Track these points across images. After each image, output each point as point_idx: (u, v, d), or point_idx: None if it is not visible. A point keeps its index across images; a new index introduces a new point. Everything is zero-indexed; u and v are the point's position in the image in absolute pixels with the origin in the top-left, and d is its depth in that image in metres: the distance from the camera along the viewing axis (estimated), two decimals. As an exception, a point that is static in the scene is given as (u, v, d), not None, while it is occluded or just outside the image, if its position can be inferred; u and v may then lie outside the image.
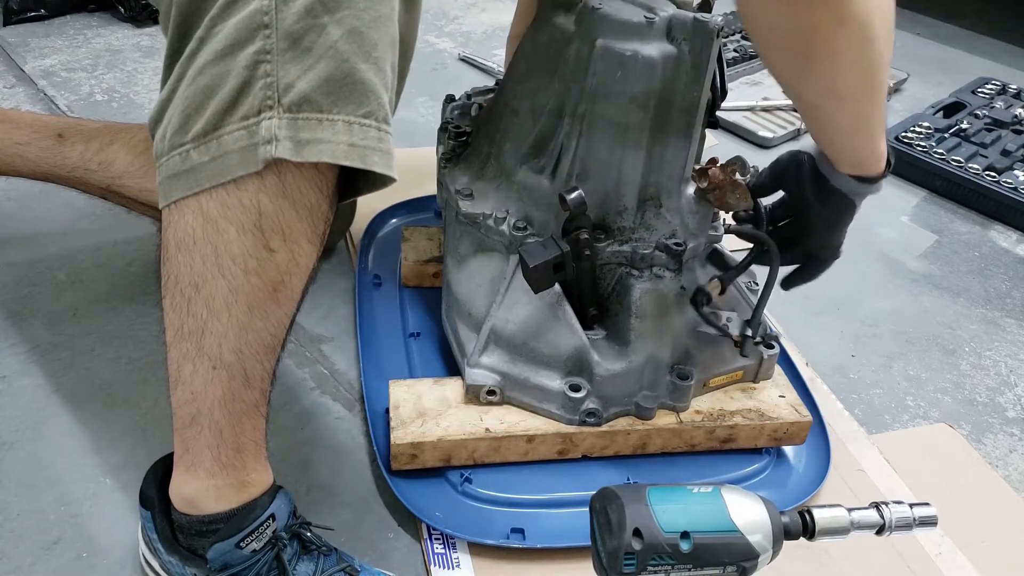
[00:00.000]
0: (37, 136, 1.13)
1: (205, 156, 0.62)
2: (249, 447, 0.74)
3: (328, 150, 0.61)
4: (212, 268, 0.65)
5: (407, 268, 1.18)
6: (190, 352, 0.69)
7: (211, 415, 0.71)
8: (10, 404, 1.02)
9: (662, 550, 0.63)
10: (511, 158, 0.95)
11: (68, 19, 2.01)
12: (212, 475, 0.73)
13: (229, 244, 0.64)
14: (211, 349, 0.68)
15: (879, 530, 0.68)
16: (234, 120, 0.61)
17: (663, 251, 0.92)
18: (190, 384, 0.70)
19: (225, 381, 0.70)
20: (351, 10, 0.60)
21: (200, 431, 0.72)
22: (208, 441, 0.72)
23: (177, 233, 0.65)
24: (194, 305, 0.67)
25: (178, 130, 0.63)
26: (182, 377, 0.70)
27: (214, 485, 0.73)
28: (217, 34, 0.60)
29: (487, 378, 0.93)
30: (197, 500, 0.74)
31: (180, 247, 0.66)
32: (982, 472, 1.06)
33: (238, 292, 0.66)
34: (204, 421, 0.71)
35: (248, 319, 0.68)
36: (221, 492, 0.74)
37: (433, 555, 0.88)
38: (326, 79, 0.60)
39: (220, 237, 0.64)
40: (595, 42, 0.85)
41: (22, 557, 0.86)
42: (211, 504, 0.74)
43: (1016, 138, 1.73)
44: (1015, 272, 1.44)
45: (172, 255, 0.67)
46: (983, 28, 2.45)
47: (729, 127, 1.78)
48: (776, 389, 1.00)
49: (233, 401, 0.71)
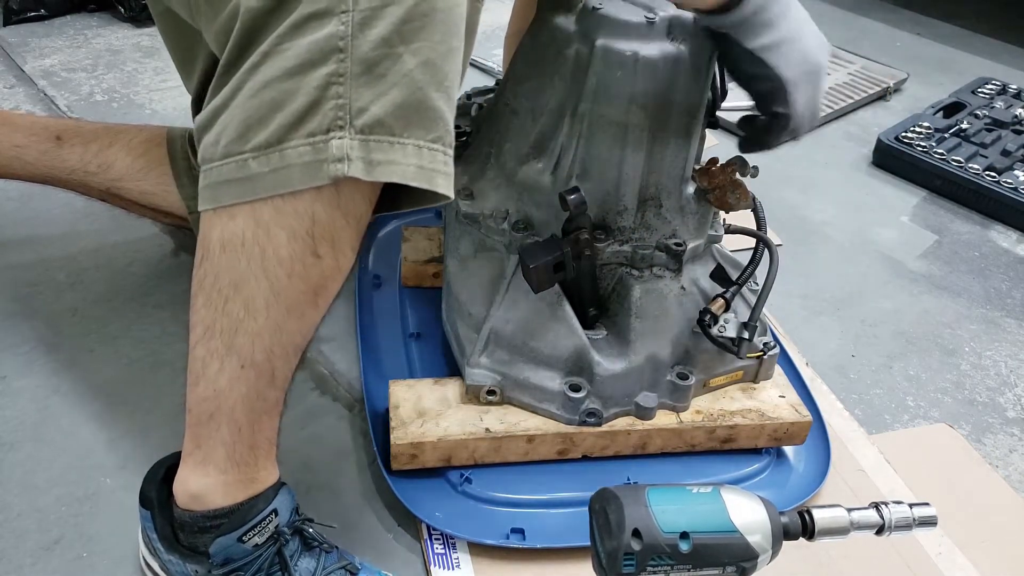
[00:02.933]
0: (35, 139, 1.13)
1: (265, 167, 0.64)
2: (263, 445, 0.76)
3: (399, 171, 0.64)
4: (257, 270, 0.67)
5: (407, 268, 1.18)
6: (219, 350, 0.70)
7: (232, 413, 0.72)
8: (10, 404, 1.02)
9: (661, 551, 0.63)
10: (511, 158, 0.95)
11: (68, 19, 2.01)
12: (223, 471, 0.74)
13: (278, 248, 0.66)
14: (242, 348, 0.70)
15: (879, 530, 0.68)
16: (299, 136, 0.63)
17: (663, 251, 0.92)
18: (214, 381, 0.71)
19: (252, 380, 0.71)
20: (427, 42, 0.63)
21: (217, 428, 0.73)
22: (224, 438, 0.73)
23: (224, 235, 0.67)
24: (231, 304, 0.69)
25: (236, 139, 0.64)
26: (206, 374, 0.71)
27: (224, 481, 0.74)
28: (285, 51, 0.63)
29: (487, 378, 0.93)
30: (204, 495, 0.75)
31: (225, 248, 0.67)
32: (982, 472, 1.06)
33: (280, 294, 0.68)
34: (223, 418, 0.73)
35: (285, 321, 0.70)
36: (229, 488, 0.75)
37: (433, 555, 0.88)
38: (400, 105, 0.63)
39: (270, 241, 0.66)
40: (595, 42, 0.85)
41: (22, 557, 0.86)
42: (218, 499, 0.75)
43: (1016, 138, 1.73)
44: (1015, 272, 1.44)
45: (214, 255, 0.68)
46: (983, 28, 2.45)
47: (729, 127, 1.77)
48: (776, 389, 1.00)
49: (256, 400, 0.72)
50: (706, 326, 0.90)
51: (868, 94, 1.97)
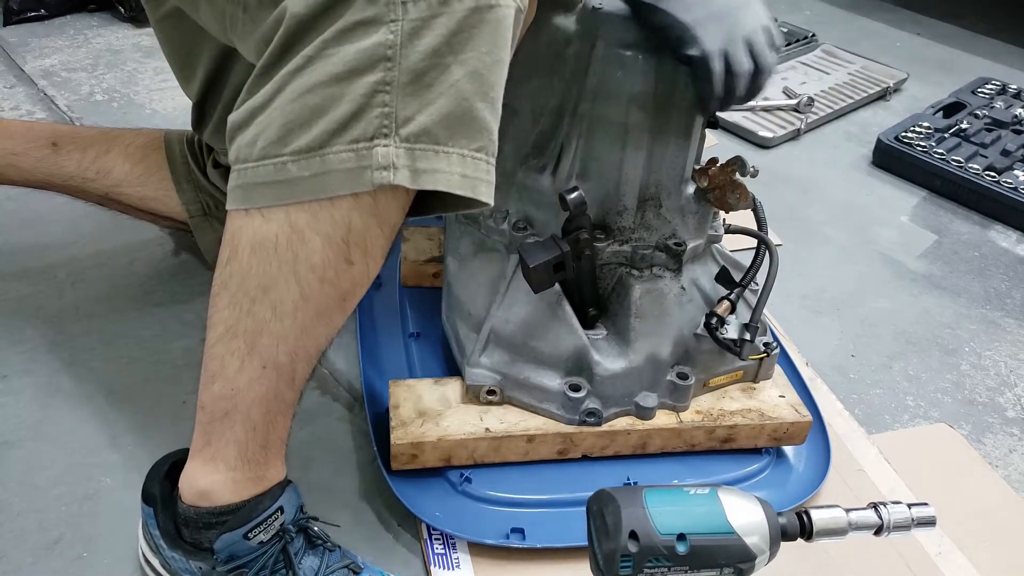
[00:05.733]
0: (31, 146, 1.13)
1: (306, 171, 0.64)
2: (275, 444, 0.76)
3: (443, 180, 0.65)
4: (288, 274, 0.67)
5: (407, 268, 1.18)
6: (240, 350, 0.70)
7: (248, 412, 0.73)
8: (10, 403, 1.02)
9: (658, 552, 0.63)
10: (511, 158, 0.95)
11: (68, 19, 2.01)
12: (233, 469, 0.74)
13: (312, 254, 0.67)
14: (266, 350, 0.70)
15: (877, 531, 0.68)
16: (343, 142, 0.63)
17: (663, 251, 0.92)
18: (233, 381, 0.71)
19: (272, 380, 0.71)
20: (475, 52, 0.64)
21: (232, 426, 0.73)
22: (238, 436, 0.73)
23: (256, 237, 0.67)
24: (258, 306, 0.69)
25: (276, 141, 0.64)
26: (225, 373, 0.71)
27: (233, 478, 0.75)
28: (330, 57, 0.62)
29: (487, 378, 0.93)
30: (212, 492, 0.75)
31: (256, 250, 0.67)
32: (982, 472, 1.06)
33: (309, 299, 0.69)
34: (238, 417, 0.73)
35: (312, 325, 0.70)
36: (238, 485, 0.75)
37: (433, 555, 0.88)
38: (446, 115, 0.64)
39: (304, 246, 0.66)
40: (595, 42, 0.85)
41: (22, 557, 0.86)
42: (225, 496, 0.75)
43: (1016, 138, 1.73)
44: (1015, 272, 1.44)
45: (243, 256, 0.68)
46: (983, 28, 2.45)
47: (729, 127, 1.78)
48: (776, 389, 1.00)
49: (274, 400, 0.73)
50: (712, 329, 0.90)
51: (868, 94, 1.97)
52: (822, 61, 2.11)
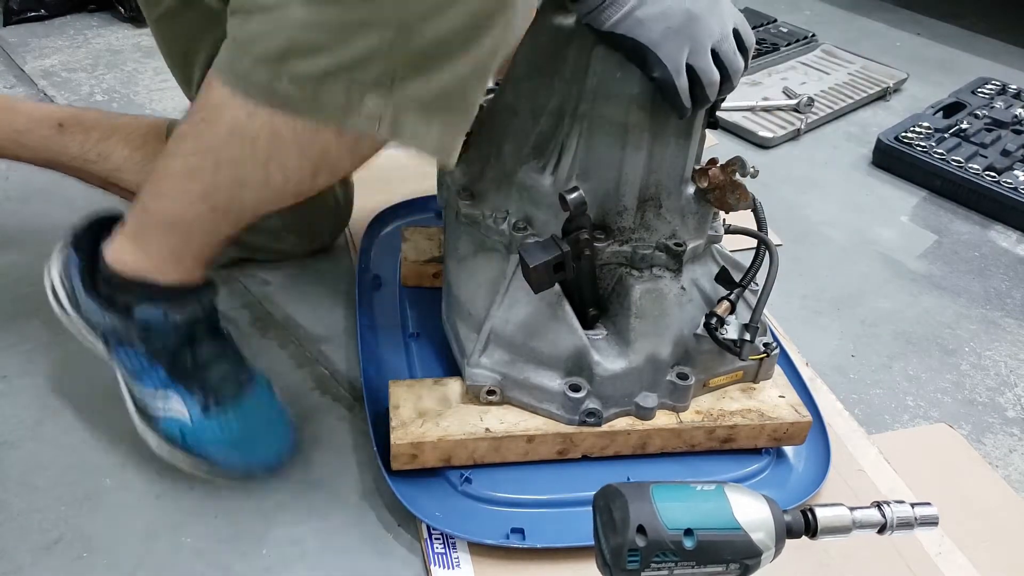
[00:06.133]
0: (37, 125, 1.14)
1: (297, 94, 0.68)
2: (206, 255, 0.85)
3: (420, 143, 0.72)
4: (259, 166, 0.74)
5: (407, 268, 1.18)
6: (195, 191, 0.78)
7: (189, 233, 0.82)
8: (10, 404, 1.02)
9: (666, 547, 0.63)
10: (511, 158, 0.95)
11: (68, 19, 2.01)
12: (163, 262, 0.83)
13: (285, 161, 0.74)
14: (219, 202, 0.78)
15: (880, 529, 0.68)
16: (340, 82, 0.68)
17: (663, 251, 0.92)
18: (182, 208, 0.80)
19: (218, 220, 0.81)
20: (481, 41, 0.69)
21: (170, 235, 0.82)
22: (172, 244, 0.83)
23: (237, 125, 0.73)
24: (223, 173, 0.76)
25: (276, 56, 0.68)
26: (176, 198, 0.79)
27: (160, 268, 0.83)
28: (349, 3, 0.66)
29: (487, 378, 0.93)
30: (138, 269, 0.83)
31: (234, 135, 0.73)
32: (982, 472, 1.06)
33: (270, 187, 0.76)
34: (178, 232, 0.82)
35: (267, 202, 0.80)
36: (164, 273, 0.84)
37: (433, 555, 0.88)
38: (440, 92, 0.70)
39: (279, 152, 0.73)
40: (595, 43, 0.85)
41: (22, 557, 0.86)
42: (151, 275, 0.83)
43: (1016, 138, 1.73)
44: (1015, 272, 1.44)
45: (220, 132, 0.74)
46: (983, 28, 2.45)
47: (729, 127, 1.78)
48: (776, 389, 1.00)
49: (214, 232, 0.82)
50: (712, 329, 0.90)
51: (868, 94, 1.97)
52: (822, 61, 2.11)
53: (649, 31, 0.79)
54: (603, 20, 0.79)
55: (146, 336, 0.85)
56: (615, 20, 0.79)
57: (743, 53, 0.84)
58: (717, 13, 0.81)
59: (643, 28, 0.78)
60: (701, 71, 0.81)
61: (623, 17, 0.79)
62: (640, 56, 0.80)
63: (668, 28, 0.79)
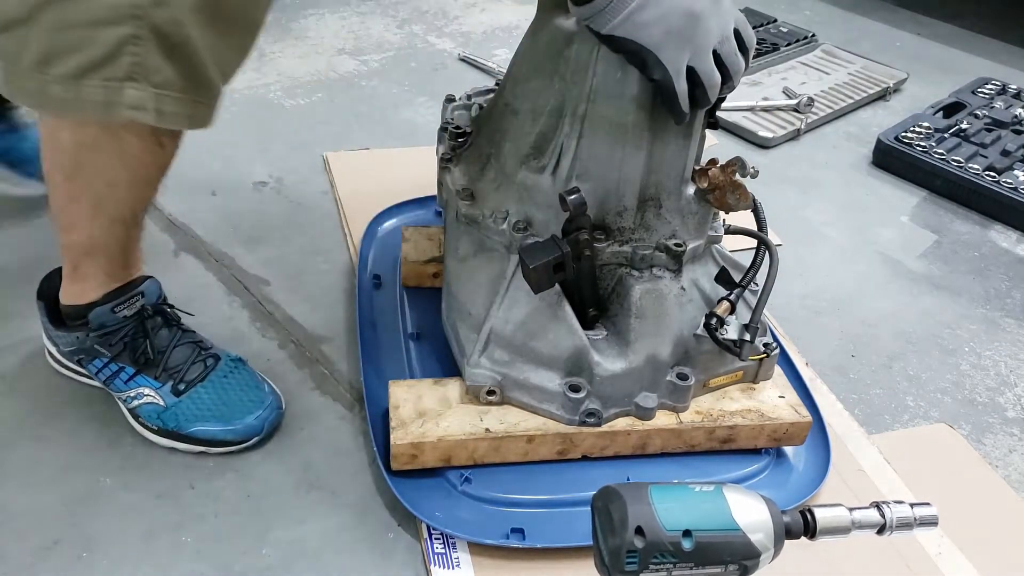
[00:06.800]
0: None
1: (69, 94, 0.75)
2: (134, 261, 0.97)
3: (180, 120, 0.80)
4: (115, 161, 0.84)
5: (407, 268, 1.18)
6: (87, 212, 0.88)
7: (107, 249, 0.93)
8: (10, 404, 1.02)
9: (664, 548, 0.63)
10: (511, 158, 0.95)
11: (68, 19, 2.00)
12: (102, 284, 0.95)
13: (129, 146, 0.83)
14: (110, 209, 0.89)
15: (880, 530, 0.68)
16: (96, 79, 0.75)
17: (663, 251, 0.92)
18: (88, 231, 0.90)
19: (120, 228, 0.91)
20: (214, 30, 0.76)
21: (96, 259, 0.93)
22: (103, 265, 0.94)
23: (77, 137, 0.82)
24: (95, 183, 0.86)
25: (38, 64, 0.74)
26: (80, 225, 0.90)
27: (104, 283, 0.95)
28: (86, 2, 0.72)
29: (487, 378, 0.93)
30: (84, 298, 0.95)
31: (82, 146, 0.83)
32: (982, 472, 1.06)
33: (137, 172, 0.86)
34: (100, 254, 0.93)
35: (142, 190, 0.89)
36: (106, 288, 0.95)
37: (433, 555, 0.88)
38: (184, 74, 0.77)
39: (121, 142, 0.82)
40: (595, 43, 0.84)
41: (22, 557, 0.86)
42: (98, 295, 0.95)
43: (1016, 138, 1.73)
44: (1015, 272, 1.44)
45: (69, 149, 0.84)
46: (983, 28, 2.45)
47: (729, 127, 1.78)
48: (776, 389, 1.00)
49: (128, 239, 0.94)
50: (712, 329, 0.90)
51: (868, 94, 1.97)
52: (822, 61, 2.11)
53: (650, 34, 0.78)
54: (604, 23, 0.79)
55: (104, 338, 0.95)
56: (616, 23, 0.78)
57: (744, 53, 0.84)
58: (718, 14, 0.81)
59: (644, 31, 0.78)
60: (703, 73, 0.81)
61: (624, 20, 0.78)
62: (641, 59, 0.80)
63: (669, 31, 0.78)
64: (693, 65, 0.80)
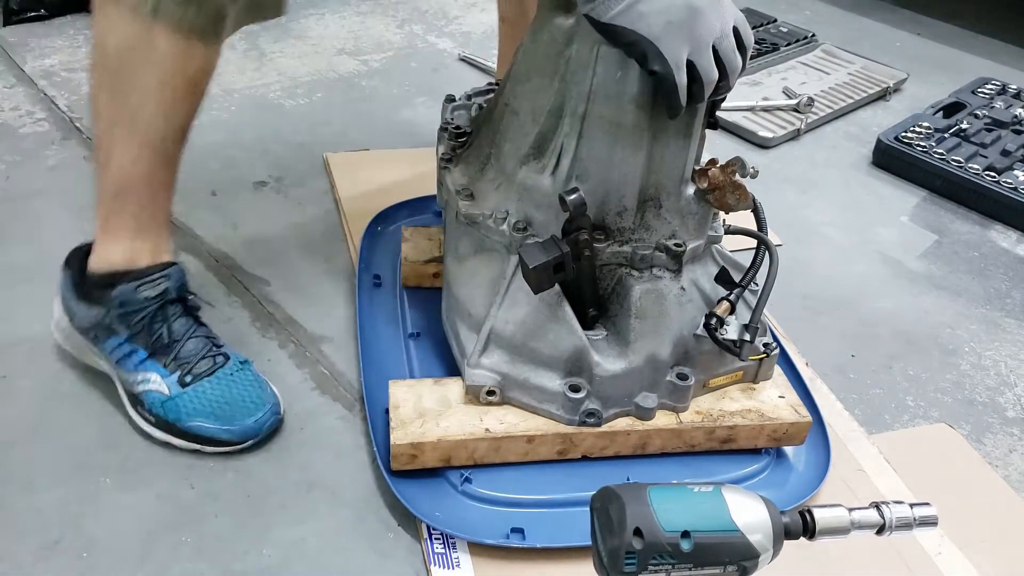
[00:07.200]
0: None
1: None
2: (162, 219, 1.01)
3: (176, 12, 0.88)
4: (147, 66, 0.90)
5: (407, 268, 1.18)
6: (123, 136, 0.94)
7: (136, 189, 0.97)
8: (10, 404, 1.02)
9: (663, 549, 0.63)
10: (511, 158, 0.95)
11: (68, 19, 2.01)
12: (132, 238, 0.99)
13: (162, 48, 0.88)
14: (141, 133, 0.93)
15: (879, 530, 0.68)
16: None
17: (663, 252, 0.92)
18: (120, 161, 0.95)
19: (149, 159, 0.95)
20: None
21: (125, 202, 0.97)
22: (132, 210, 0.98)
23: (117, 41, 0.89)
24: (132, 97, 0.92)
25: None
26: (113, 158, 0.95)
27: (132, 247, 0.99)
28: None
29: (487, 378, 0.93)
30: (113, 260, 0.99)
31: (119, 52, 0.89)
32: (982, 472, 1.06)
33: (166, 84, 0.91)
34: (130, 195, 0.97)
35: (173, 107, 0.93)
36: (135, 254, 0.99)
37: (433, 555, 0.88)
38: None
39: (153, 46, 0.88)
40: (595, 43, 0.85)
41: (22, 557, 0.86)
42: (124, 263, 0.99)
43: (1016, 138, 1.73)
44: (1015, 272, 1.44)
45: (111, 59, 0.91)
46: (983, 28, 2.45)
47: (729, 127, 1.78)
48: (776, 389, 1.00)
49: (154, 177, 0.97)
50: (712, 329, 0.90)
51: (868, 94, 1.97)
52: (822, 61, 2.11)
53: (650, 24, 0.78)
54: (604, 11, 0.79)
55: (124, 317, 0.98)
56: (616, 12, 0.78)
57: (742, 52, 0.84)
58: (718, 10, 0.81)
59: (644, 21, 0.78)
60: (701, 68, 0.81)
61: (625, 9, 0.78)
62: (640, 50, 0.79)
63: (670, 22, 0.78)
64: (692, 59, 0.80)
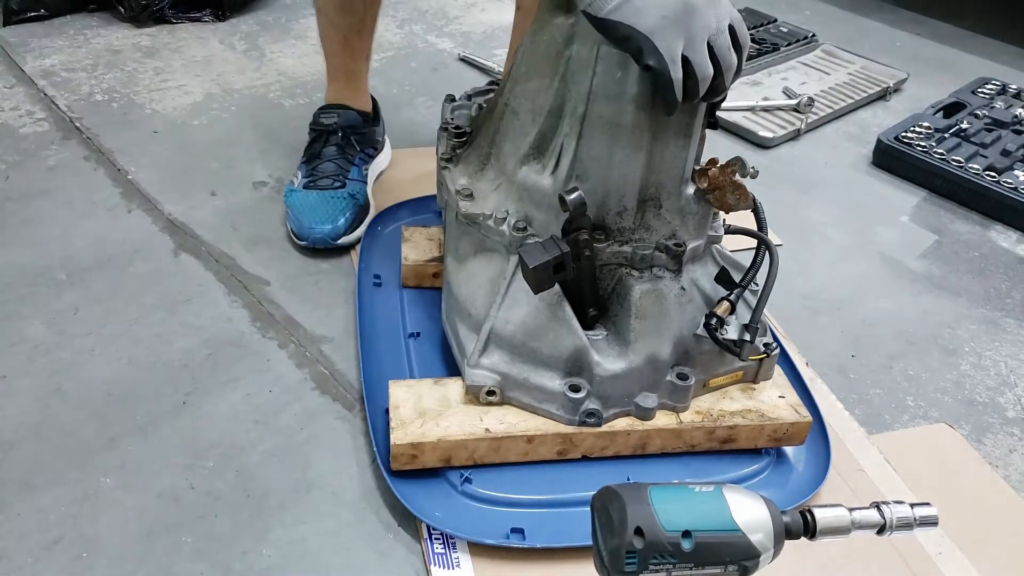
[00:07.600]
0: None
1: None
2: (358, 73, 1.43)
3: None
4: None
5: (407, 268, 1.18)
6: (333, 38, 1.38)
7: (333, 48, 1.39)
8: (10, 404, 1.02)
9: (664, 549, 0.63)
10: (511, 158, 0.95)
11: (68, 19, 2.01)
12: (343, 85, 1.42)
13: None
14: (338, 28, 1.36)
15: (880, 530, 0.68)
16: None
17: (663, 251, 0.92)
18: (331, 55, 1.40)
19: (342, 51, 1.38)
20: None
21: (333, 59, 1.40)
22: (336, 64, 1.41)
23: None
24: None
25: None
26: (330, 52, 1.40)
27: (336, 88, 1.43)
28: None
29: (487, 378, 0.93)
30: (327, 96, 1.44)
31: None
32: (982, 472, 1.06)
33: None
34: (336, 59, 1.40)
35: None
36: (339, 94, 1.42)
37: (433, 555, 0.88)
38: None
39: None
40: (595, 43, 0.85)
41: (22, 557, 0.86)
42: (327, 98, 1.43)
43: (1016, 138, 1.73)
44: (1015, 272, 1.44)
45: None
46: (983, 28, 2.45)
47: (729, 127, 1.78)
48: (776, 389, 1.00)
49: (345, 44, 1.37)
50: (712, 329, 0.90)
51: (868, 94, 1.97)
52: (822, 61, 2.11)
53: (645, 19, 0.78)
54: (601, 7, 0.79)
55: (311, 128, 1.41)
56: (613, 7, 0.79)
57: (737, 51, 0.84)
58: (714, 7, 0.81)
59: (640, 16, 0.78)
60: (695, 63, 0.80)
61: (621, 4, 0.79)
62: (635, 44, 0.79)
63: (665, 17, 0.78)
64: (686, 54, 0.80)
